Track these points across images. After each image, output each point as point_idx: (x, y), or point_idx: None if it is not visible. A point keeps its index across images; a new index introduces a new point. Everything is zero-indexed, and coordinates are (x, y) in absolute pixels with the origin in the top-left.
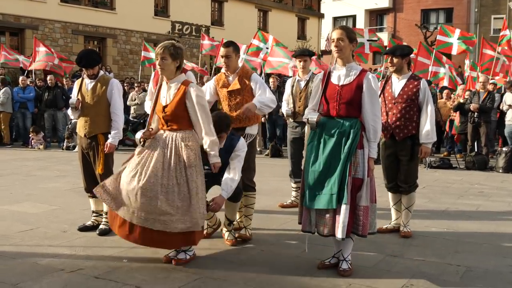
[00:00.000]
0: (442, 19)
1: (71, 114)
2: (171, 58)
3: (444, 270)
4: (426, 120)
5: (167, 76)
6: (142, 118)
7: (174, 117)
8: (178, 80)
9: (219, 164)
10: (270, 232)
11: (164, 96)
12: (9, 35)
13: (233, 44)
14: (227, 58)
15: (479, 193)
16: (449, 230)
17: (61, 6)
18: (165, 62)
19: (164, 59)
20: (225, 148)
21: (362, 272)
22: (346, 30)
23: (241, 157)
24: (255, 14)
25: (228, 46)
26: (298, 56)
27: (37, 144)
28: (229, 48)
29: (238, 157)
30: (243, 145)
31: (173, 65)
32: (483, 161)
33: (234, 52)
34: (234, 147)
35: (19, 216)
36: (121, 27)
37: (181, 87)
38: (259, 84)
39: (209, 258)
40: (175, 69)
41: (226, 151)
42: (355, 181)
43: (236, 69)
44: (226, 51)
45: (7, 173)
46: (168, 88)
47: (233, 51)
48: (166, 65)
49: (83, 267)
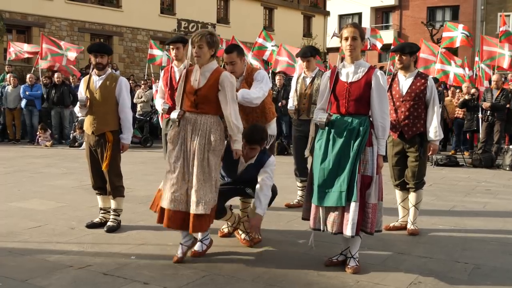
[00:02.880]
0: (448, 17)
1: (79, 111)
2: (207, 46)
3: (452, 267)
4: (433, 118)
5: (202, 63)
6: (148, 116)
7: (206, 100)
8: (211, 67)
9: (240, 151)
10: (277, 229)
11: (196, 79)
12: (16, 33)
13: (236, 48)
14: (232, 65)
15: (486, 191)
16: (456, 227)
17: (67, 4)
18: (202, 50)
19: (201, 47)
20: (255, 164)
21: (369, 270)
22: (359, 28)
23: (269, 173)
24: (260, 12)
25: (231, 52)
26: (302, 57)
27: (44, 141)
28: (232, 53)
29: (267, 174)
30: (273, 162)
31: (209, 53)
32: (490, 158)
33: (238, 56)
34: (264, 163)
35: (27, 213)
36: (127, 25)
37: (214, 72)
38: (258, 80)
39: (217, 255)
40: (209, 57)
41: (255, 166)
42: (364, 179)
43: (242, 72)
44: (230, 57)
45: (15, 170)
46: (201, 73)
47: (237, 56)
48: (202, 53)
49: (92, 264)
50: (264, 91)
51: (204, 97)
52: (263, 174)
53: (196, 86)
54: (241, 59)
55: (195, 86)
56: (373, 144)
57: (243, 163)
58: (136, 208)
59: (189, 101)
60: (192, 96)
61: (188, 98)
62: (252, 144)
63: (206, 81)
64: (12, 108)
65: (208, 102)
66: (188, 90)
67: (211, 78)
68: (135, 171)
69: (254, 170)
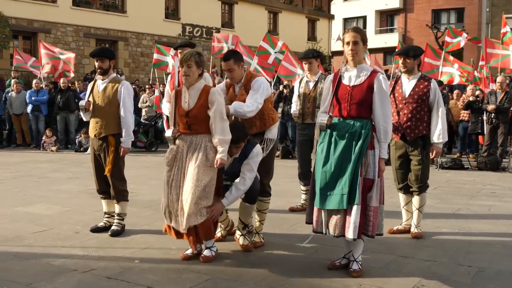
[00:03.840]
0: (453, 19)
1: (83, 115)
2: (196, 65)
3: (455, 270)
4: (438, 120)
5: (190, 82)
6: (153, 120)
7: (198, 121)
8: (199, 86)
9: (224, 161)
10: (280, 233)
11: (186, 101)
12: (22, 39)
13: (233, 55)
14: (230, 72)
15: (491, 194)
16: (461, 230)
17: (73, 9)
18: (191, 69)
19: (190, 66)
20: (239, 156)
21: (372, 273)
22: (361, 32)
23: (251, 165)
24: (265, 16)
25: (228, 59)
26: (303, 59)
27: (50, 146)
28: (229, 61)
29: (248, 165)
30: (257, 153)
31: (197, 72)
32: (495, 161)
33: (235, 64)
34: (248, 155)
35: (33, 217)
36: (132, 30)
37: (203, 91)
38: (254, 89)
39: (219, 258)
40: (197, 76)
41: (240, 159)
42: (366, 182)
43: (241, 78)
44: (227, 64)
45: (21, 175)
46: (189, 94)
47: (234, 63)
48: (191, 72)
49: (96, 268)
50: (258, 103)
51: (195, 118)
52: (245, 166)
53: (186, 108)
54: (239, 66)
55: (186, 108)
56: (375, 147)
57: (229, 158)
58: (140, 212)
59: (182, 123)
60: (184, 118)
61: (181, 121)
62: (237, 143)
63: (196, 102)
64: (18, 114)
65: (200, 122)
66: (180, 112)
67: (200, 97)
68: (139, 175)
69: (239, 163)
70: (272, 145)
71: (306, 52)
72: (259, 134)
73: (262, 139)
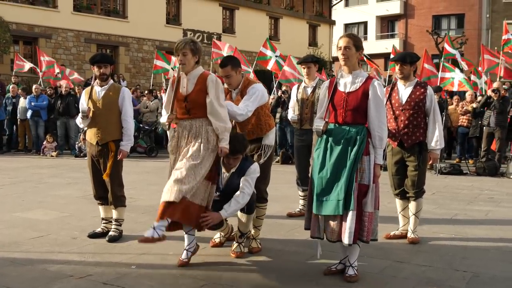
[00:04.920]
0: (453, 25)
1: (81, 122)
2: (191, 53)
3: (451, 276)
4: (435, 127)
5: (187, 70)
6: (153, 126)
7: (197, 105)
8: (197, 72)
9: (226, 149)
10: (278, 238)
11: (184, 86)
12: (22, 44)
13: (230, 62)
14: (228, 78)
15: (489, 199)
16: (457, 236)
17: (74, 15)
18: (186, 57)
19: (185, 54)
20: (237, 171)
21: (368, 279)
22: (353, 38)
23: (249, 181)
24: (266, 22)
25: (225, 66)
26: (302, 63)
27: (49, 151)
28: (227, 67)
29: (247, 181)
30: (254, 170)
31: (193, 60)
32: (494, 167)
33: (233, 70)
34: (246, 171)
35: (31, 223)
36: (133, 35)
37: (201, 77)
38: (248, 95)
39: (216, 263)
40: (194, 63)
41: (238, 174)
42: (361, 187)
43: (238, 84)
44: (224, 71)
45: (20, 181)
46: (187, 80)
47: (231, 69)
48: (187, 60)
49: (92, 274)
50: (249, 109)
51: (194, 102)
52: (243, 182)
53: (185, 93)
54: (237, 71)
55: (184, 92)
56: (370, 153)
57: (226, 173)
58: (138, 217)
59: (181, 109)
60: (183, 102)
61: (180, 106)
62: (235, 155)
63: (194, 86)
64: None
65: (199, 106)
66: (179, 97)
67: (198, 82)
68: (139, 180)
69: (237, 178)
70: (269, 151)
71: (305, 57)
72: (256, 140)
73: (259, 145)
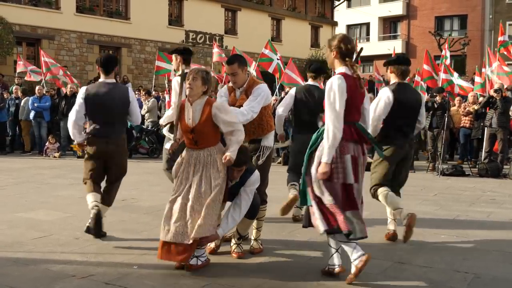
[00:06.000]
0: (456, 26)
1: None
2: (201, 81)
3: (452, 277)
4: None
5: (193, 96)
6: (155, 127)
7: (204, 136)
8: (201, 102)
9: (232, 160)
10: (279, 239)
11: (190, 118)
12: (26, 45)
13: (238, 59)
14: (234, 76)
15: (491, 201)
16: (459, 237)
17: (76, 16)
18: (195, 83)
19: (195, 79)
20: (239, 181)
21: (369, 279)
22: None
23: (248, 194)
24: (268, 23)
25: (232, 63)
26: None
27: (52, 152)
28: (234, 64)
29: (245, 194)
30: (254, 181)
31: (201, 89)
32: (496, 168)
33: (240, 67)
34: (246, 181)
35: (33, 223)
36: (136, 37)
37: (206, 106)
38: (253, 96)
39: (218, 264)
40: (201, 93)
41: (238, 184)
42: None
43: (244, 83)
44: (231, 68)
45: (23, 181)
46: (193, 110)
47: (238, 67)
48: (195, 85)
49: (94, 273)
50: (253, 112)
51: (201, 133)
52: (242, 194)
53: (191, 125)
54: (243, 70)
55: (190, 124)
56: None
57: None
58: (140, 218)
59: (188, 139)
60: (190, 134)
61: (187, 137)
62: (240, 166)
63: (200, 117)
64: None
65: (206, 136)
66: (184, 129)
67: (204, 112)
68: (141, 181)
69: (236, 188)
70: (268, 152)
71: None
72: (256, 141)
73: (258, 146)
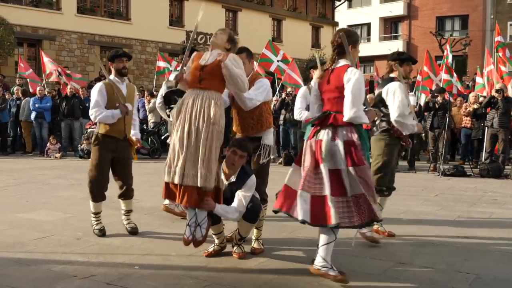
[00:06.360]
0: (457, 26)
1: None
2: (227, 36)
3: (453, 277)
4: None
5: (215, 44)
6: (157, 127)
7: (210, 76)
8: (221, 52)
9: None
10: (280, 239)
11: (205, 59)
12: (27, 46)
13: (246, 50)
14: None
15: (492, 201)
16: (460, 237)
17: (77, 17)
18: (222, 36)
19: (222, 33)
20: (236, 182)
21: (370, 279)
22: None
23: (243, 201)
24: (269, 23)
25: (241, 52)
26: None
27: (53, 153)
28: (242, 54)
29: (240, 201)
30: (250, 187)
31: (225, 45)
32: (498, 168)
33: (247, 58)
34: (244, 183)
35: (35, 223)
36: (137, 37)
37: (223, 55)
38: (256, 86)
39: (219, 264)
40: (224, 46)
41: (236, 185)
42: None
43: (248, 74)
44: (240, 57)
45: (24, 182)
46: (210, 54)
47: (246, 57)
48: (220, 38)
49: (95, 274)
50: (257, 98)
51: (209, 73)
52: (238, 200)
53: (203, 63)
54: (250, 61)
55: (202, 63)
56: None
57: (225, 182)
58: (141, 218)
59: (193, 77)
60: (198, 71)
61: (193, 74)
62: (243, 150)
63: (214, 60)
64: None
65: (212, 77)
66: (195, 67)
67: (219, 56)
68: (142, 182)
69: (233, 191)
70: (268, 151)
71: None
72: (256, 139)
73: (259, 145)
